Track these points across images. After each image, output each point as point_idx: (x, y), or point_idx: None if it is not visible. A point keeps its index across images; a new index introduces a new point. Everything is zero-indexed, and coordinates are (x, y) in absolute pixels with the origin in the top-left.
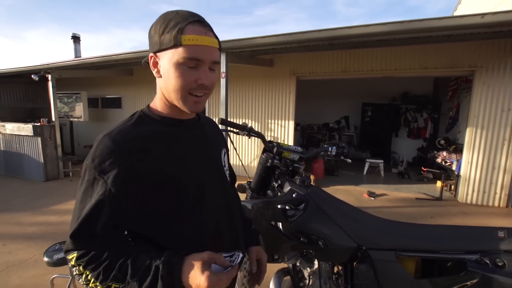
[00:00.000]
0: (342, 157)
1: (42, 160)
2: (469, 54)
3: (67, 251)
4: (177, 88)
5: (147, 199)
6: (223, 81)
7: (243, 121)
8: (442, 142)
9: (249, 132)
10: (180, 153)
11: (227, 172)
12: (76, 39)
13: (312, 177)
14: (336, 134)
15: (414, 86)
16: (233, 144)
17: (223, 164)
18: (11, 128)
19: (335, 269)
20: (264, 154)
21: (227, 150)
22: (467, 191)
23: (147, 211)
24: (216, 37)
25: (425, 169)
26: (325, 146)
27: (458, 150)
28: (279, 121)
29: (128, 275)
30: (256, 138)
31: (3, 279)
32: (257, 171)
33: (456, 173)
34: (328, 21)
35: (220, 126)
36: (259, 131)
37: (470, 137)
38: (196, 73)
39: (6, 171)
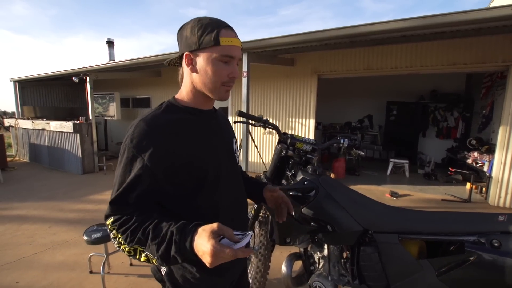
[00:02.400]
0: (354, 149)
1: (80, 155)
2: (502, 48)
3: (106, 217)
4: (213, 80)
5: (177, 175)
6: (244, 80)
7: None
8: (474, 142)
9: (264, 123)
10: (202, 137)
11: (237, 158)
12: (110, 43)
13: (332, 175)
14: (358, 133)
15: (444, 83)
16: (254, 142)
17: (234, 151)
18: (54, 125)
19: (344, 254)
20: (279, 145)
21: (236, 141)
22: (499, 194)
23: (176, 185)
24: (240, 40)
25: (452, 170)
26: (338, 138)
27: (491, 150)
28: (300, 120)
29: (149, 238)
30: (275, 136)
31: (49, 255)
32: (272, 161)
33: (487, 174)
34: (355, 18)
35: (238, 118)
36: (296, 134)
37: (503, 136)
38: (228, 68)
39: (50, 164)
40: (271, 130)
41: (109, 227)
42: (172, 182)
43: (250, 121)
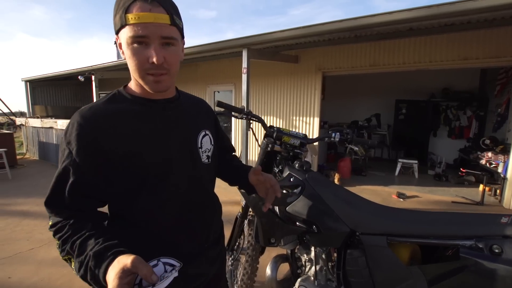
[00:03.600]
0: (347, 144)
1: None
2: None
3: (49, 217)
4: (134, 69)
5: (111, 173)
6: (244, 77)
7: (267, 117)
8: (487, 142)
9: (247, 115)
10: (147, 131)
11: (205, 154)
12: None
13: (337, 176)
14: (365, 132)
15: (456, 80)
16: (256, 137)
17: (199, 145)
18: (61, 124)
19: (333, 258)
20: (265, 139)
21: (213, 131)
22: None
23: (113, 184)
24: (169, 12)
25: (464, 170)
26: (329, 132)
27: (506, 151)
28: (304, 118)
29: (74, 254)
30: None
31: (45, 251)
32: (258, 156)
33: (502, 175)
34: None
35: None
36: (284, 127)
37: None
38: (146, 51)
39: (57, 162)
40: (251, 126)
41: (49, 229)
42: (107, 179)
43: (233, 113)
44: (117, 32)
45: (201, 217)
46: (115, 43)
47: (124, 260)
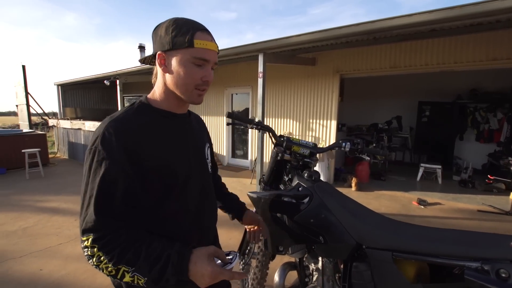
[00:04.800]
0: (357, 153)
1: None
2: None
3: (85, 232)
4: (185, 82)
5: (146, 179)
6: (260, 81)
7: (284, 120)
8: None
9: (257, 125)
10: (173, 143)
11: (209, 164)
12: (142, 48)
13: (354, 180)
14: (385, 135)
15: (486, 81)
16: (272, 140)
17: (206, 157)
18: (88, 125)
19: (340, 269)
20: (275, 148)
21: (211, 145)
22: None
23: (146, 191)
24: (217, 44)
25: (491, 177)
26: (340, 141)
27: None
28: (321, 121)
29: (140, 259)
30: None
31: (72, 246)
32: (269, 165)
33: None
34: (390, 14)
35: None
36: (300, 130)
37: None
38: (201, 71)
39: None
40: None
41: (87, 244)
42: (142, 187)
43: (242, 123)
44: (169, 50)
45: (208, 219)
46: (140, 47)
47: (205, 250)
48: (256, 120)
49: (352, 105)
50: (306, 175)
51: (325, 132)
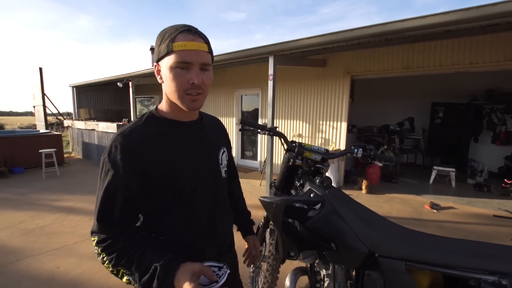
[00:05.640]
0: (370, 160)
1: None
2: None
3: (92, 233)
4: (174, 89)
5: (151, 190)
6: (270, 83)
7: (294, 122)
8: None
9: (269, 131)
10: (181, 152)
11: (223, 169)
12: (153, 50)
13: (365, 182)
14: (397, 137)
15: (503, 81)
16: (283, 144)
17: (220, 162)
18: (102, 126)
19: (352, 276)
20: (287, 153)
21: (228, 148)
22: None
23: (151, 200)
24: (206, 42)
25: (508, 181)
26: (351, 147)
27: None
28: (331, 123)
29: (132, 267)
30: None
31: (86, 245)
32: (280, 170)
33: None
34: (402, 12)
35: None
36: (310, 132)
37: None
38: (187, 74)
39: (98, 161)
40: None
41: (94, 244)
42: (148, 197)
43: (255, 129)
44: (158, 60)
45: (220, 226)
46: (151, 49)
47: (191, 267)
48: (268, 126)
49: (363, 106)
50: (318, 181)
51: (335, 133)
